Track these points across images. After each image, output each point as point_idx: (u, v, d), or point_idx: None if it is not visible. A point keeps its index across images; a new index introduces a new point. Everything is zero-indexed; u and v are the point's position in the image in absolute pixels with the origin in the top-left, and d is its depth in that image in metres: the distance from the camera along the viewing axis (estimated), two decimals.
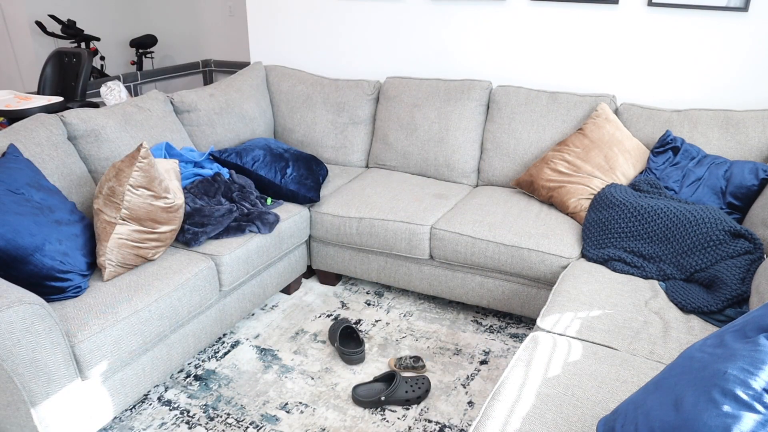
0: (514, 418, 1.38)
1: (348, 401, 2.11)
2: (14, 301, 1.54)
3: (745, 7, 2.48)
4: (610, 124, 2.56)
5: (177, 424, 2.01)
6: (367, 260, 2.69)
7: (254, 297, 2.49)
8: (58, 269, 1.81)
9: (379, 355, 2.36)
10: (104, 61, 6.06)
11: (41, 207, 1.86)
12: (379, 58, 3.33)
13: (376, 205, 2.62)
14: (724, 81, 2.64)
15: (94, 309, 1.80)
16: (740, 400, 0.91)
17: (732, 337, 1.03)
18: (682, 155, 2.45)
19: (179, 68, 5.44)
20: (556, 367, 1.55)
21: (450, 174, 2.94)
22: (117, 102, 3.20)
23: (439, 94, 2.97)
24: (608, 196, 2.32)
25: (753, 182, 2.27)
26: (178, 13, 6.24)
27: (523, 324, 2.56)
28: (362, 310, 2.67)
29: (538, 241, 2.29)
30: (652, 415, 1.02)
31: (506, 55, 3.02)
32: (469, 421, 2.01)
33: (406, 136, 3.01)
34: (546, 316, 1.82)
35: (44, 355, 1.60)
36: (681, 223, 2.10)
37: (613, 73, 2.82)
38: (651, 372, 1.54)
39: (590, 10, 2.77)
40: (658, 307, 1.86)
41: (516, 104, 2.83)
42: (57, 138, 2.23)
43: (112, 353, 1.79)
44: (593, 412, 1.39)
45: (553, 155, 2.59)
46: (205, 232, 2.25)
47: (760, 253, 2.00)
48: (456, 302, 2.74)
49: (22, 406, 1.60)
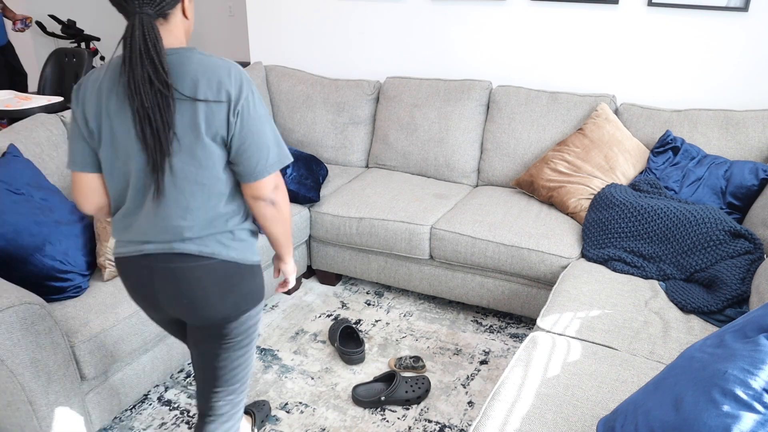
0: (514, 418, 1.38)
1: (348, 401, 2.11)
2: (14, 301, 1.54)
3: (745, 7, 2.48)
4: (610, 124, 2.56)
5: (177, 424, 2.01)
6: (367, 260, 2.69)
7: None
8: (59, 269, 1.81)
9: (379, 355, 2.36)
10: (104, 61, 6.07)
11: (41, 207, 1.86)
12: (379, 58, 3.33)
13: (376, 205, 2.62)
14: (724, 81, 2.64)
15: (94, 309, 1.80)
16: (740, 400, 0.91)
17: (732, 337, 1.03)
18: (682, 155, 2.45)
19: None
20: (556, 367, 1.55)
21: (450, 174, 2.94)
22: None
23: (439, 94, 2.97)
24: (608, 196, 2.32)
25: (753, 182, 2.27)
26: None
27: (523, 324, 2.57)
28: (362, 310, 2.67)
29: (538, 241, 2.29)
30: (652, 415, 1.02)
31: (506, 55, 3.02)
32: (469, 421, 2.01)
33: (406, 136, 3.01)
34: (546, 316, 1.82)
35: (44, 355, 1.60)
36: (681, 223, 2.10)
37: (613, 73, 2.82)
38: (651, 372, 1.54)
39: (590, 10, 2.77)
40: (658, 307, 1.86)
41: (516, 104, 2.83)
42: (57, 138, 2.23)
43: (112, 353, 1.79)
44: (593, 412, 1.39)
45: (553, 155, 2.59)
46: None
47: (760, 253, 2.00)
48: (456, 302, 2.74)
49: (22, 406, 1.60)
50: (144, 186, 1.25)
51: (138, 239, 1.29)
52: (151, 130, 1.17)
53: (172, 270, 1.29)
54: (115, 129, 1.22)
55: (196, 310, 1.32)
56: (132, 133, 1.20)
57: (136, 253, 1.30)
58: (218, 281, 1.31)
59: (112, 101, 1.20)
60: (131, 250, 1.31)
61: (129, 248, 1.31)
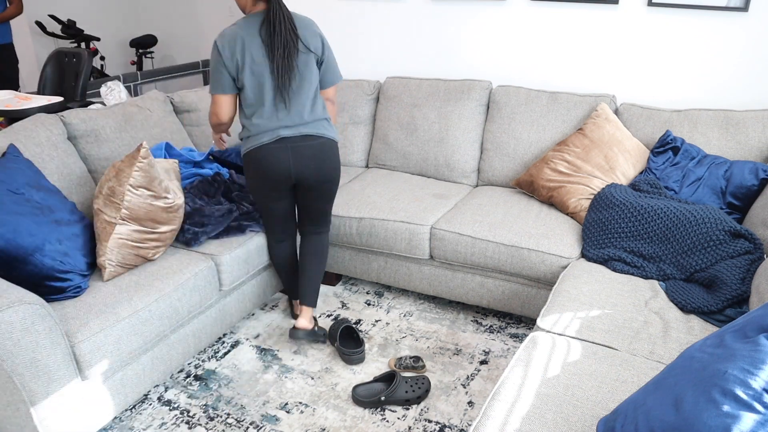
0: (514, 418, 1.38)
1: (348, 401, 2.11)
2: (14, 301, 1.54)
3: (745, 7, 2.48)
4: (610, 124, 2.56)
5: (177, 424, 2.01)
6: (367, 260, 2.69)
7: (254, 297, 2.49)
8: (58, 269, 1.81)
9: (379, 355, 2.36)
10: (104, 61, 6.07)
11: (41, 207, 1.86)
12: (379, 58, 3.33)
13: (376, 205, 2.62)
14: (724, 81, 2.64)
15: (94, 309, 1.80)
16: (740, 400, 0.91)
17: (732, 337, 1.03)
18: (682, 155, 2.45)
19: (179, 68, 5.43)
20: (555, 367, 1.55)
21: (450, 174, 2.94)
22: (117, 102, 3.20)
23: (439, 94, 2.97)
24: (608, 196, 2.32)
25: (753, 182, 2.27)
26: (178, 13, 6.24)
27: (523, 324, 2.56)
28: (362, 310, 2.67)
29: (538, 241, 2.29)
30: (652, 415, 1.02)
31: (506, 55, 3.02)
32: (469, 421, 2.01)
33: (406, 136, 3.01)
34: (546, 316, 1.82)
35: (44, 355, 1.60)
36: (681, 223, 2.10)
37: (613, 73, 2.82)
38: (651, 372, 1.54)
39: (590, 10, 2.77)
40: (658, 307, 1.86)
41: (516, 104, 2.83)
42: (57, 138, 2.23)
43: (112, 353, 1.79)
44: (593, 412, 1.39)
45: (553, 155, 2.59)
46: (205, 232, 2.25)
47: (760, 253, 2.00)
48: (456, 302, 2.74)
49: (22, 406, 1.60)
50: (274, 97, 2.05)
51: (275, 130, 2.06)
52: (282, 64, 2.00)
53: (301, 146, 2.09)
54: (256, 62, 1.99)
55: (317, 171, 2.13)
56: (267, 65, 2.00)
57: (275, 138, 2.06)
58: (326, 151, 2.14)
59: (254, 45, 1.98)
60: (271, 137, 2.06)
61: (268, 136, 2.06)
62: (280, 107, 2.06)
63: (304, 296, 2.35)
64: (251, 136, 2.08)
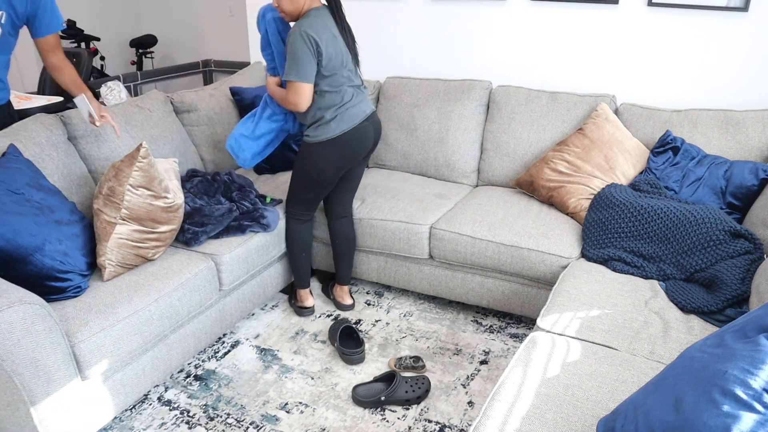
0: (514, 418, 1.38)
1: (348, 401, 2.11)
2: (14, 301, 1.54)
3: (745, 7, 2.48)
4: (610, 124, 2.56)
5: (177, 424, 2.01)
6: (366, 260, 2.69)
7: (254, 297, 2.49)
8: (58, 269, 1.81)
9: (379, 355, 2.36)
10: (104, 61, 6.07)
11: (41, 207, 1.86)
12: (379, 58, 3.33)
13: (375, 205, 2.62)
14: (724, 81, 2.64)
15: (94, 309, 1.80)
16: (740, 400, 0.91)
17: (732, 337, 1.03)
18: (682, 155, 2.45)
19: (179, 68, 5.44)
20: (555, 367, 1.55)
21: (450, 174, 2.94)
22: (117, 102, 3.20)
23: (439, 94, 2.97)
24: (608, 196, 2.32)
25: (753, 182, 2.27)
26: (178, 13, 6.24)
27: (523, 324, 2.56)
28: (362, 310, 2.67)
29: (538, 241, 2.29)
30: (652, 415, 1.02)
31: (506, 55, 3.02)
32: (469, 421, 2.01)
33: (406, 136, 3.01)
34: (546, 316, 1.82)
35: (44, 355, 1.60)
36: (681, 223, 2.10)
37: (613, 73, 2.82)
38: (651, 372, 1.54)
39: (590, 10, 2.77)
40: (658, 307, 1.86)
41: (516, 104, 2.83)
42: (57, 138, 2.23)
43: (112, 353, 1.79)
44: (593, 412, 1.39)
45: (553, 155, 2.59)
46: (205, 232, 2.25)
47: (760, 253, 2.00)
48: (456, 302, 2.73)
49: (22, 406, 1.60)
50: (353, 80, 2.26)
51: (364, 109, 2.27)
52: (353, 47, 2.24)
53: (376, 120, 2.36)
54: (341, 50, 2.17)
55: (376, 142, 2.38)
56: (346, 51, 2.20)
57: (363, 117, 2.26)
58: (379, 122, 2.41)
59: (328, 34, 2.13)
60: (359, 118, 2.25)
61: (355, 119, 2.24)
62: (361, 88, 2.31)
63: (345, 278, 2.64)
64: (336, 118, 2.20)
